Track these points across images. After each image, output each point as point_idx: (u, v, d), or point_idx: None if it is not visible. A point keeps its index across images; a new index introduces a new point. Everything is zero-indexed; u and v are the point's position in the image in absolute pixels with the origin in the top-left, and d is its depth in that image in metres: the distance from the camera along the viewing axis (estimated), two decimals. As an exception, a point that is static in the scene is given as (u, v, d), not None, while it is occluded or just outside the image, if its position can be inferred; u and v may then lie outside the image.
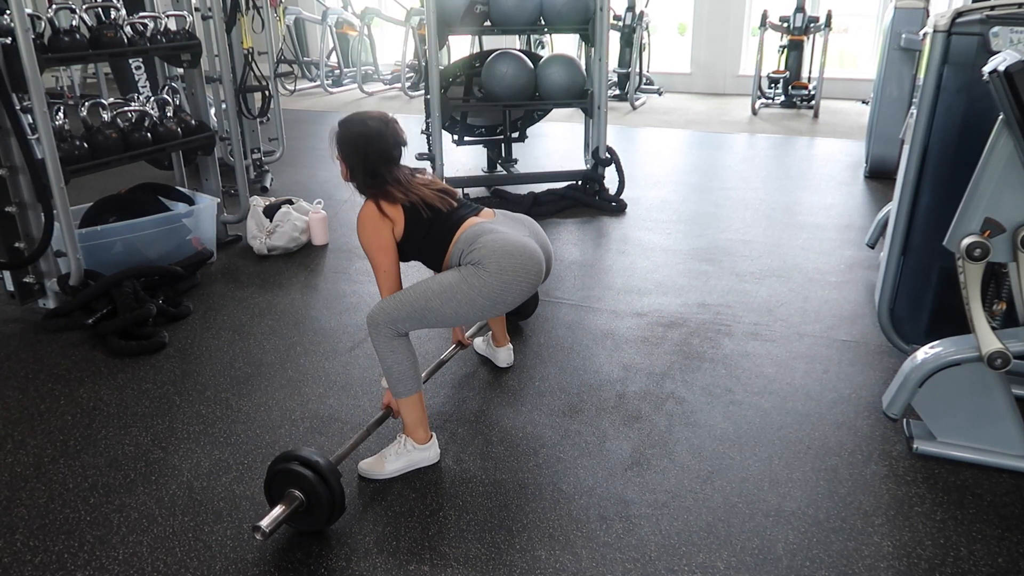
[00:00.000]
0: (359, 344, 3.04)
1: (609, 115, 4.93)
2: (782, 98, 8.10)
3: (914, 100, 2.81)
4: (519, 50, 5.02)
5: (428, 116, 4.69)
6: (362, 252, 4.06)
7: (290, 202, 4.22)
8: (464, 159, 5.88)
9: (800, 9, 7.68)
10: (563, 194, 4.83)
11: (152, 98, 3.75)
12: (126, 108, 3.50)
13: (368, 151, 2.23)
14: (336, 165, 2.30)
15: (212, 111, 4.41)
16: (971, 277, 2.12)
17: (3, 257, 3.18)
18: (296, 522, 1.99)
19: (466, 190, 3.89)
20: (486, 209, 2.37)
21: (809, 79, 8.03)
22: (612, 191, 4.87)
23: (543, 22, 4.62)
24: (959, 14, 2.38)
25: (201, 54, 3.80)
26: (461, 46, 7.49)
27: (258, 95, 5.34)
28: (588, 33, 4.58)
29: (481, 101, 4.90)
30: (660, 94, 9.10)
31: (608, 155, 4.83)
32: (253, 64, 5.15)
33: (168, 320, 3.26)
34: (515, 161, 5.51)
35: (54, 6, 3.14)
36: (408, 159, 2.20)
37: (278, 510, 1.91)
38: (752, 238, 4.21)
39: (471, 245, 2.18)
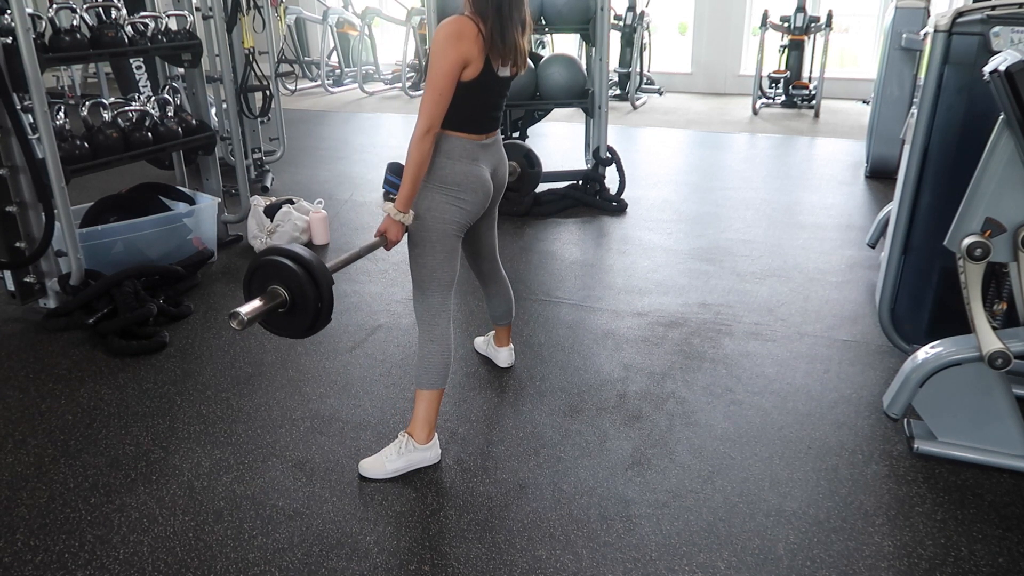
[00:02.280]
0: (360, 344, 3.04)
1: (610, 115, 4.93)
2: (783, 98, 8.09)
3: (915, 100, 2.81)
4: (520, 50, 5.01)
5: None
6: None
7: (291, 202, 4.23)
8: (465, 159, 5.88)
9: (801, 9, 7.68)
10: (564, 194, 4.83)
11: (153, 98, 3.75)
12: (127, 108, 3.49)
13: None
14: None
15: (213, 111, 4.42)
16: (972, 277, 2.12)
17: (4, 257, 3.18)
18: (276, 325, 1.82)
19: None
20: (498, 128, 2.26)
21: (810, 79, 8.02)
22: (613, 191, 4.87)
23: (544, 22, 4.61)
24: (960, 14, 2.38)
25: (202, 54, 3.80)
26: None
27: (259, 95, 5.34)
28: (589, 33, 4.58)
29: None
30: (661, 94, 9.10)
31: (609, 155, 4.83)
32: (254, 64, 5.15)
33: (169, 320, 3.26)
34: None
35: (55, 6, 3.14)
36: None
37: (258, 302, 1.73)
38: (753, 238, 4.21)
39: (452, 158, 2.11)
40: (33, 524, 2.06)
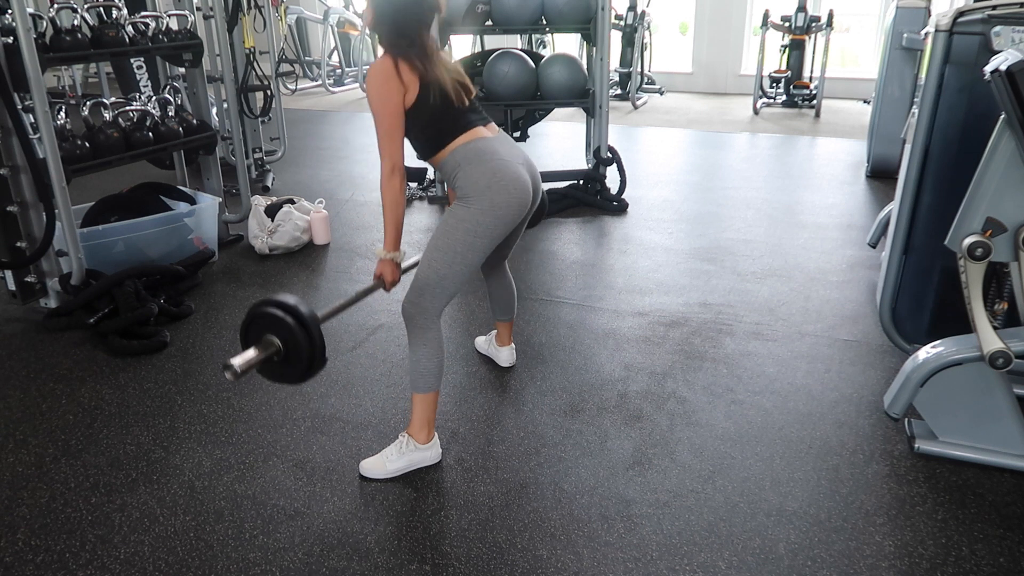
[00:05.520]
0: (361, 344, 3.05)
1: (611, 114, 4.93)
2: (784, 97, 8.09)
3: (916, 99, 2.81)
4: (521, 49, 5.02)
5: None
6: (363, 252, 4.08)
7: (292, 201, 4.23)
8: (465, 158, 5.88)
9: (802, 8, 7.67)
10: (565, 193, 4.83)
11: (154, 97, 3.75)
12: (128, 107, 3.49)
13: (402, 4, 2.12)
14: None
15: (214, 110, 4.42)
16: (973, 276, 2.12)
17: (5, 256, 3.19)
18: (272, 373, 1.89)
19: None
20: (492, 123, 2.28)
21: (811, 78, 8.02)
22: (614, 191, 4.87)
23: (544, 22, 4.61)
24: (961, 13, 2.38)
25: (203, 53, 3.81)
26: (463, 46, 7.49)
27: (260, 94, 5.34)
28: (590, 32, 4.57)
29: (483, 100, 4.90)
30: (662, 93, 9.09)
31: (610, 154, 4.83)
32: (255, 63, 5.16)
33: (170, 319, 3.26)
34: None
35: (56, 5, 3.14)
36: (410, 160, 2.19)
37: (252, 352, 1.80)
38: (754, 237, 4.21)
39: (467, 163, 2.12)
40: (34, 524, 2.06)
